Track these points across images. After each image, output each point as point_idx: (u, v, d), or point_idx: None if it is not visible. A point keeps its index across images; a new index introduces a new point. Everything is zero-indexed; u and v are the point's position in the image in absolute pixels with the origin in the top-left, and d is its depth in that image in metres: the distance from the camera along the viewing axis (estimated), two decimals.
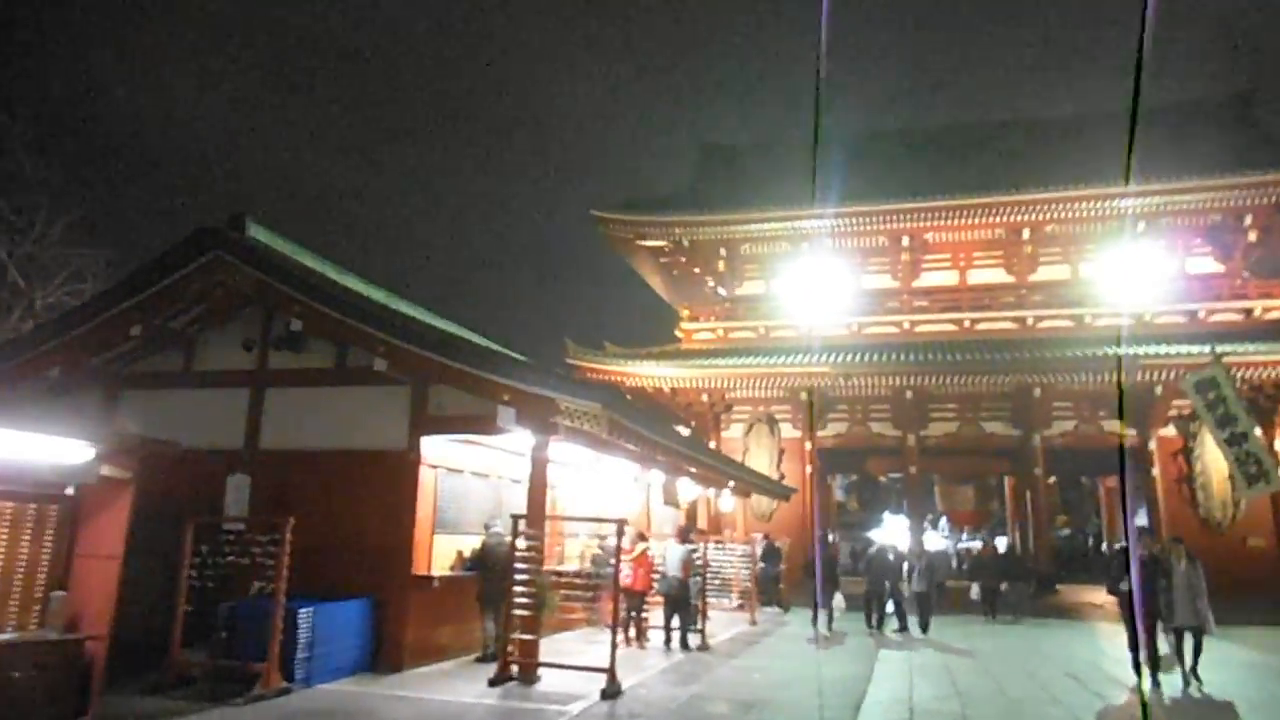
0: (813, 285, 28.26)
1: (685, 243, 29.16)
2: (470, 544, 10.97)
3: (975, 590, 19.59)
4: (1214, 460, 24.41)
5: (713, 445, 28.54)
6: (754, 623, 16.53)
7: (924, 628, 15.60)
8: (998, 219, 26.33)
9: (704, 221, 28.11)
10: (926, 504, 31.39)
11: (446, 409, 10.01)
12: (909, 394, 26.87)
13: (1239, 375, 20.94)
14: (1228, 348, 21.39)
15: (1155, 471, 25.54)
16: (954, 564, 26.58)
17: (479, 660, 10.32)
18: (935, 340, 26.69)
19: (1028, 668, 11.72)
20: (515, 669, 9.30)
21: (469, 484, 11.66)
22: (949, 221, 26.43)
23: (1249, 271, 26.27)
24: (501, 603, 9.47)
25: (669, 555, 12.46)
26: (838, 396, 27.76)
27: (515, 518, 9.36)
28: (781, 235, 28.30)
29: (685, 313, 29.86)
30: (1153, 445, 25.65)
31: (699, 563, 13.66)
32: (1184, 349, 22.21)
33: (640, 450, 11.44)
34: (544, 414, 9.12)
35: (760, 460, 27.53)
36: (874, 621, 15.56)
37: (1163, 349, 22.83)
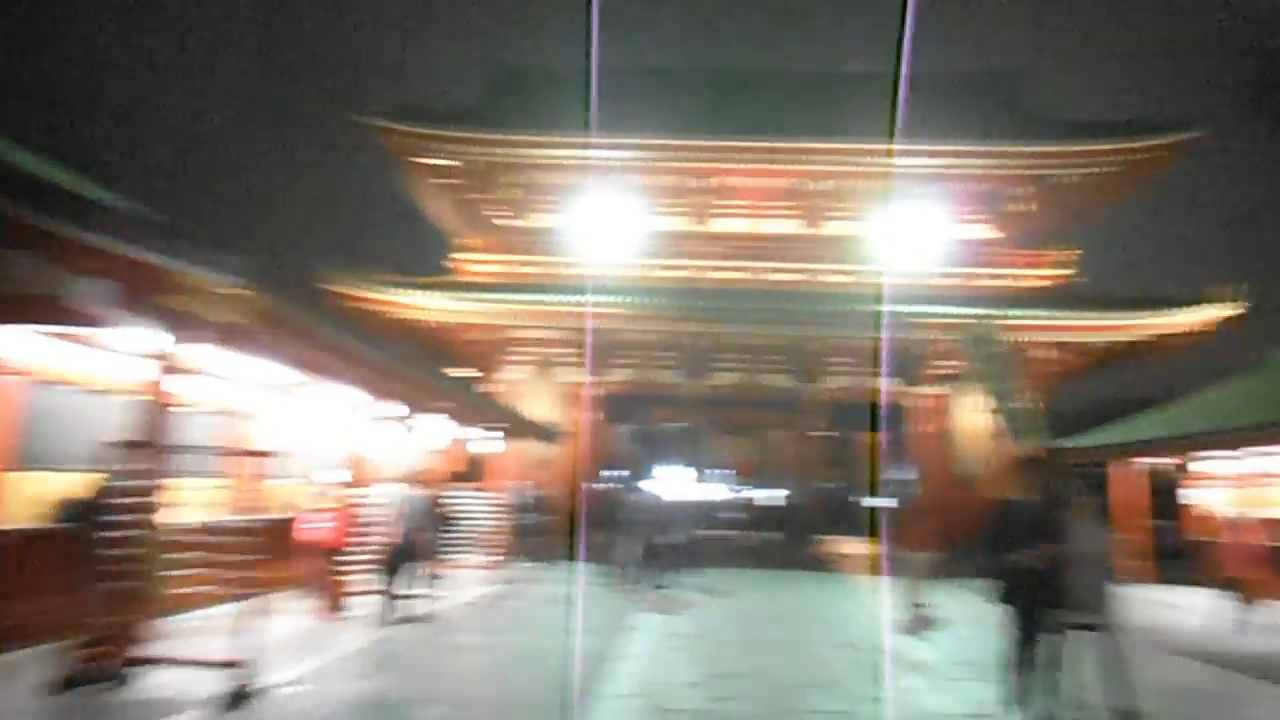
0: (604, 223, 26.06)
1: (469, 164, 26.03)
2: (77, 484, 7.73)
3: (746, 540, 18.41)
4: (972, 419, 24.85)
5: (491, 388, 26.00)
6: (508, 582, 14.22)
7: (685, 584, 13.89)
8: (788, 166, 25.20)
9: (492, 141, 25.12)
10: (708, 454, 30.47)
11: (16, 286, 6.71)
12: (697, 341, 25.46)
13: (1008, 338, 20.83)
14: (1000, 312, 21.40)
15: (918, 427, 25.61)
16: (728, 514, 25.63)
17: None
18: (726, 288, 25.33)
19: (798, 635, 10.12)
20: (117, 663, 6.36)
21: (79, 403, 8.42)
22: (739, 165, 25.09)
23: (1019, 240, 26.69)
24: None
25: (398, 504, 9.74)
26: (625, 341, 25.89)
27: (114, 445, 6.34)
28: (572, 165, 25.82)
29: (463, 242, 26.78)
30: (918, 402, 25.69)
31: (438, 513, 11.07)
32: (959, 310, 22.01)
33: (325, 360, 8.37)
34: (154, 293, 6.12)
35: (539, 404, 25.27)
36: (633, 578, 13.66)
37: (939, 309, 22.61)
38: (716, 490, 28.93)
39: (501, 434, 17.70)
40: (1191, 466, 15.78)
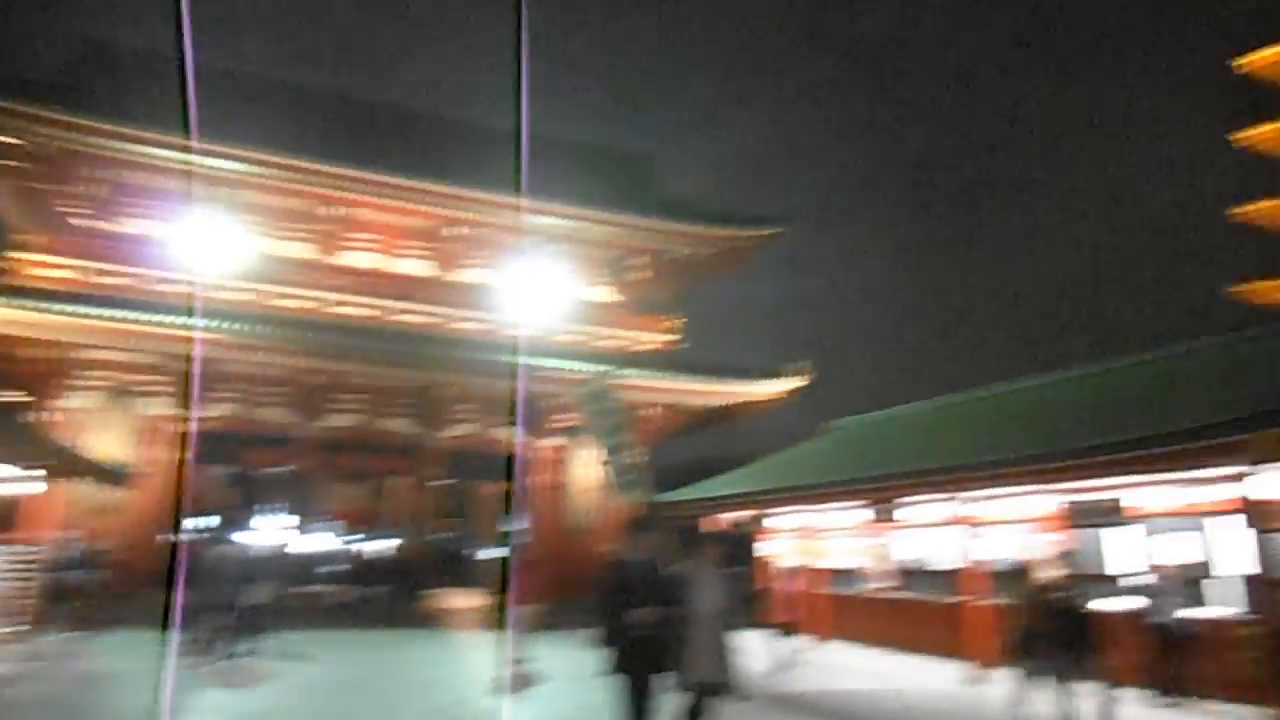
0: (210, 238, 23.12)
1: (38, 147, 21.69)
2: None
3: (347, 596, 17.02)
4: (585, 472, 25.89)
5: (45, 418, 21.59)
6: (30, 658, 11.38)
7: (267, 651, 12.24)
8: (420, 207, 24.60)
9: (70, 124, 21.21)
10: (316, 502, 28.06)
11: None
12: (314, 379, 23.50)
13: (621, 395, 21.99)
14: (616, 370, 22.60)
15: (535, 478, 26.04)
16: (330, 568, 23.69)
17: None
18: (347, 323, 23.81)
19: (385, 705, 9.27)
20: None
21: None
22: (368, 197, 23.94)
23: (634, 305, 28.65)
24: None
25: None
26: (228, 372, 23.05)
27: None
28: (175, 167, 22.67)
29: (26, 239, 22.19)
30: (538, 453, 26.16)
31: None
32: (580, 365, 22.86)
33: None
34: None
35: (109, 439, 21.50)
36: (205, 645, 11.70)
37: (563, 364, 23.31)
38: (320, 541, 26.61)
39: (45, 474, 14.50)
40: (765, 521, 17.71)
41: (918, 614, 14.42)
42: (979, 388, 17.98)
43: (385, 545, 29.81)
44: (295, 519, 24.02)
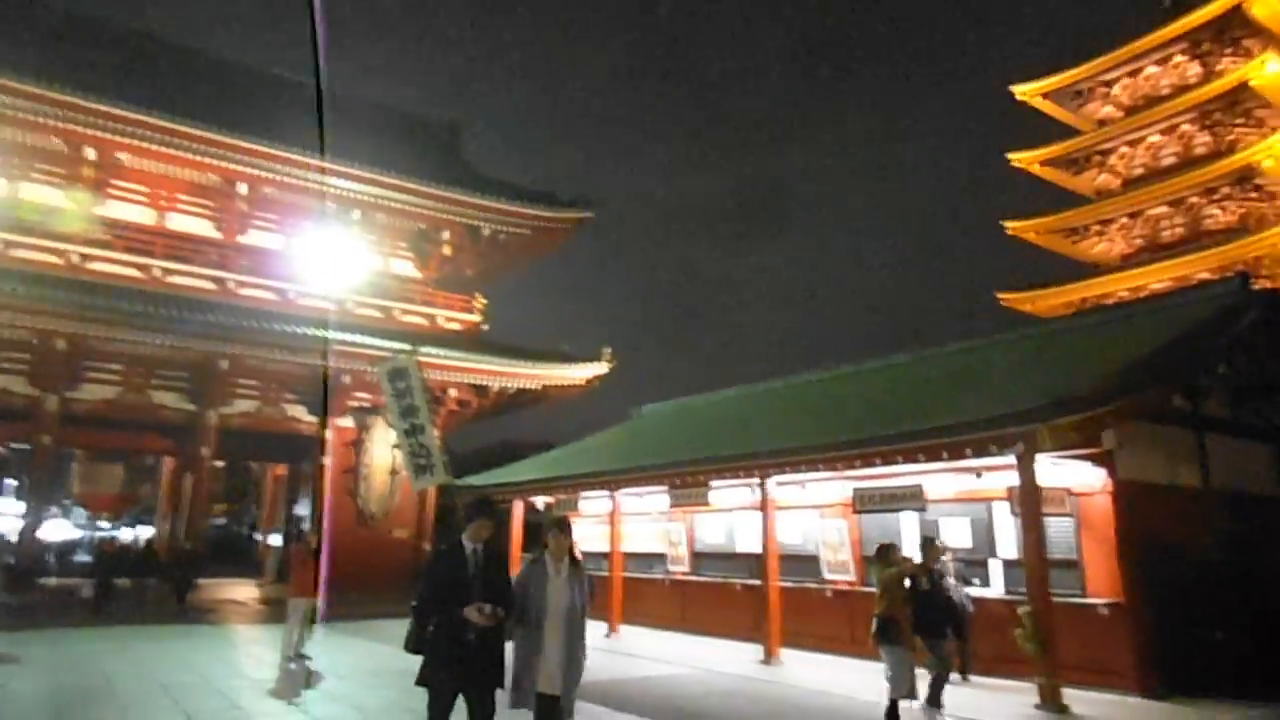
0: None
1: None
2: None
3: (101, 589, 15.01)
4: (380, 454, 24.49)
5: None
6: None
7: None
8: (212, 159, 22.06)
9: None
10: (59, 484, 24.73)
11: None
12: (62, 343, 20.57)
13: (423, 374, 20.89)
14: (420, 348, 21.39)
15: (327, 460, 24.30)
16: (77, 558, 20.97)
17: None
18: (111, 283, 21.02)
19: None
20: None
21: None
22: (150, 144, 21.17)
23: (440, 282, 27.43)
24: None
25: None
26: None
27: None
28: None
29: None
30: (329, 434, 24.41)
31: None
32: (380, 342, 21.48)
33: None
34: None
35: None
36: None
37: (362, 339, 21.86)
38: (60, 529, 23.47)
39: None
40: (571, 507, 17.38)
41: (715, 597, 14.63)
42: (779, 378, 18.58)
43: (145, 532, 26.92)
44: (29, 503, 20.97)
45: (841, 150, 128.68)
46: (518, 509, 18.44)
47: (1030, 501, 8.73)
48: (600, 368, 25.96)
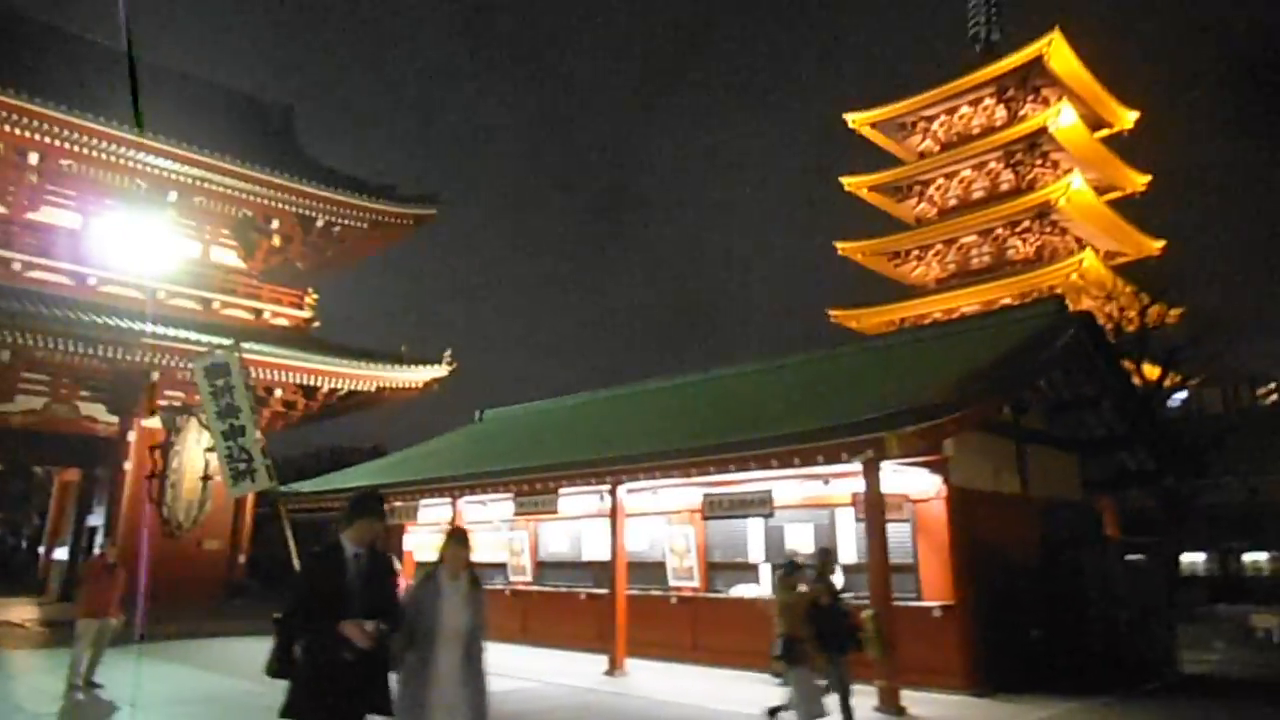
0: None
1: None
2: None
3: None
4: (192, 459, 22.38)
5: None
6: None
7: None
8: None
9: None
10: None
11: None
12: None
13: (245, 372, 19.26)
14: (243, 343, 19.69)
15: (128, 465, 21.95)
16: None
17: None
18: None
19: None
20: None
21: None
22: None
23: (267, 274, 25.50)
24: None
25: None
26: None
27: None
28: None
29: None
30: (132, 436, 22.09)
31: None
32: (197, 335, 19.61)
33: None
34: None
35: None
36: None
37: (175, 331, 19.86)
38: None
39: None
40: (410, 515, 16.44)
41: (559, 607, 14.22)
42: (622, 385, 18.46)
43: None
44: None
45: (686, 156, 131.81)
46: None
47: (875, 507, 8.94)
48: (440, 371, 24.94)
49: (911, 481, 10.01)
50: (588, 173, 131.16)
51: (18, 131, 19.78)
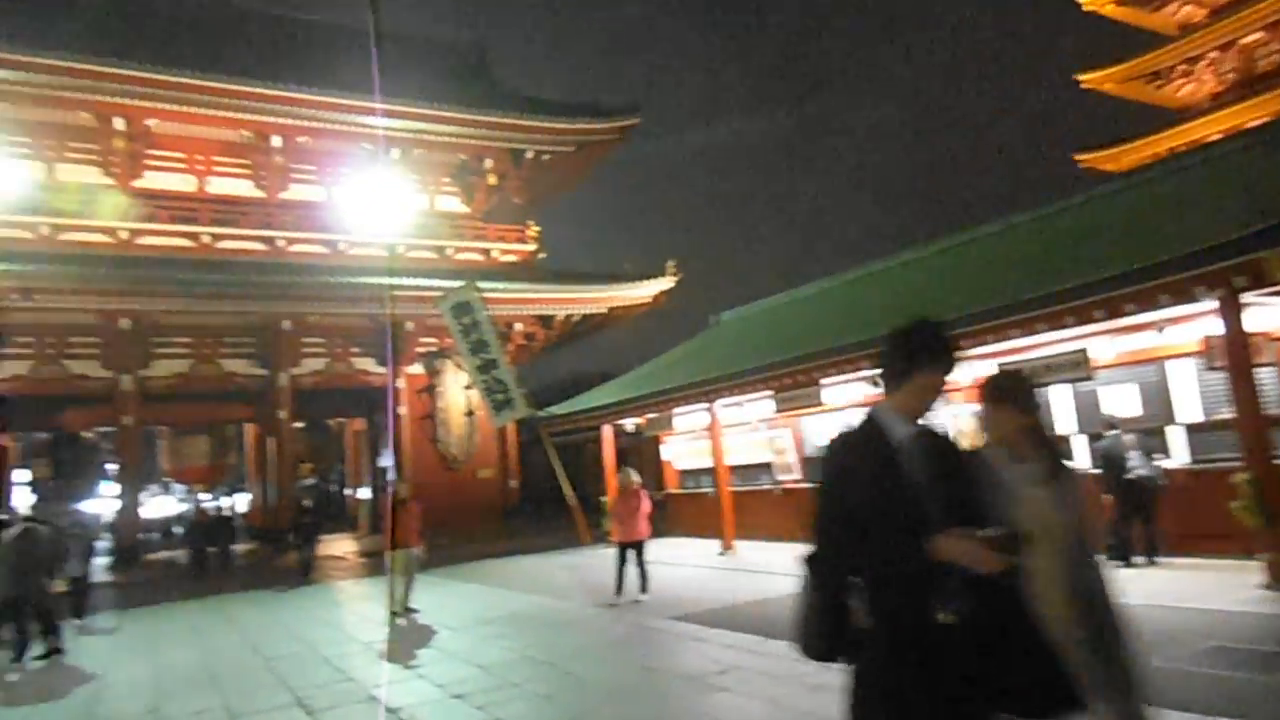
0: None
1: None
2: None
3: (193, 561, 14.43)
4: (454, 397, 23.65)
5: None
6: None
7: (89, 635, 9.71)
8: (243, 114, 20.99)
9: None
10: (148, 462, 24.50)
11: None
12: (126, 322, 19.93)
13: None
14: (480, 283, 20.21)
15: (402, 410, 23.55)
16: (175, 531, 20.65)
17: None
18: (163, 256, 20.24)
19: (234, 702, 7.10)
20: None
21: None
22: (179, 106, 20.13)
23: (489, 215, 26.06)
24: None
25: None
26: (19, 323, 19.17)
27: None
28: None
29: None
30: (401, 383, 23.62)
31: None
32: (438, 282, 20.29)
33: None
34: None
35: None
36: (15, 647, 9.01)
37: (418, 280, 20.72)
38: (158, 505, 23.39)
39: None
40: (664, 426, 16.19)
41: None
42: (866, 265, 16.90)
43: (238, 500, 26.73)
44: (123, 483, 20.63)
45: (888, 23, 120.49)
46: (607, 433, 17.36)
47: (1240, 350, 7.11)
48: (667, 282, 24.49)
49: (1268, 318, 7.94)
50: (784, 34, 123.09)
51: (259, 118, 21.18)
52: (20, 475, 23.41)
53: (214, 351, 21.81)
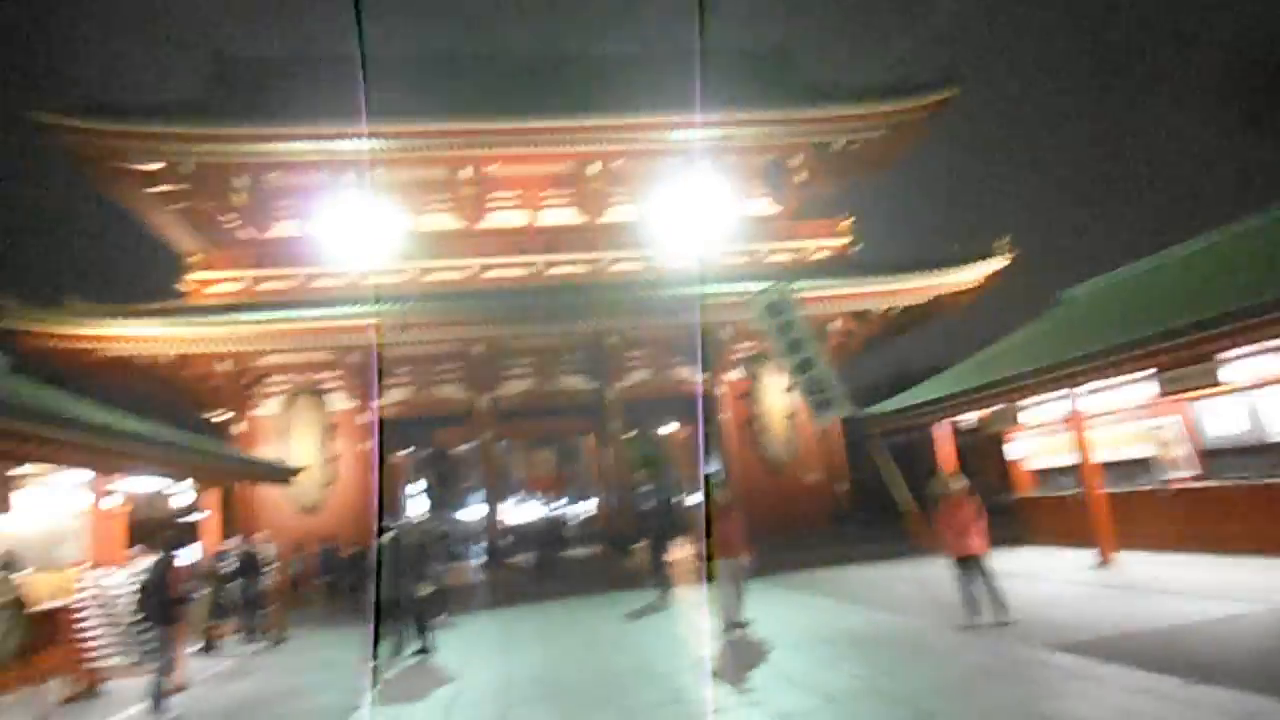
0: (362, 225, 22.07)
1: (191, 166, 21.18)
2: None
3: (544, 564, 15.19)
4: (775, 400, 23.09)
5: (242, 427, 21.33)
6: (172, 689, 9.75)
7: (440, 643, 10.26)
8: (565, 148, 22.42)
9: (208, 136, 20.44)
10: (504, 473, 26.95)
11: None
12: (479, 347, 22.06)
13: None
14: (794, 282, 19.47)
15: (724, 416, 23.46)
16: (527, 536, 22.25)
17: None
18: (505, 286, 22.13)
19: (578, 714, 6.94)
20: None
21: None
22: (513, 149, 22.03)
23: (799, 212, 25.23)
24: None
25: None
26: (397, 356, 22.10)
27: None
28: (316, 159, 21.71)
29: (194, 259, 21.82)
30: (722, 390, 23.57)
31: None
32: (751, 285, 19.79)
33: None
34: None
35: (305, 441, 21.00)
36: (382, 649, 9.90)
37: (731, 286, 20.51)
38: (520, 512, 25.59)
39: (226, 481, 13.47)
40: (1010, 420, 14.15)
41: (1238, 504, 10.60)
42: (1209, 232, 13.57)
43: (582, 508, 28.41)
44: (486, 493, 22.77)
45: None
46: (943, 430, 15.61)
47: None
48: (998, 262, 21.83)
49: None
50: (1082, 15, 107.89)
51: (583, 148, 22.49)
52: (412, 489, 27.09)
53: (552, 370, 23.38)
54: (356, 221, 22.11)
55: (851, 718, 5.56)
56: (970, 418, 15.07)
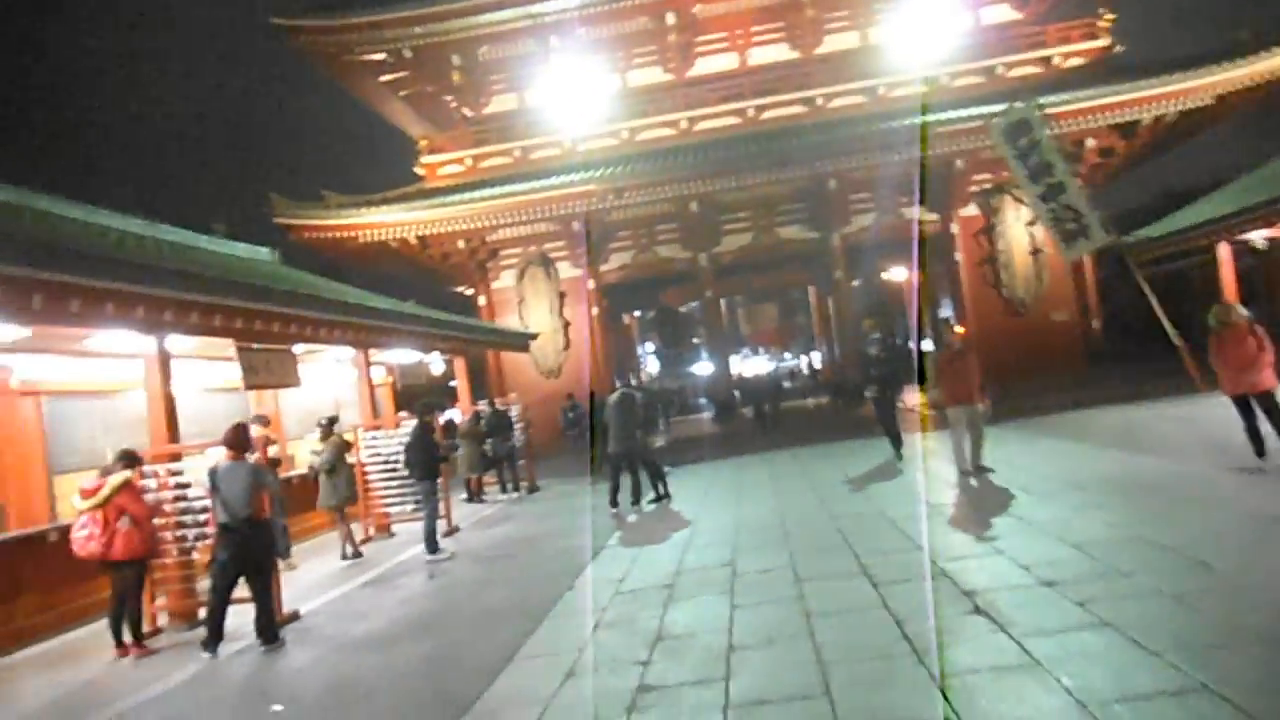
0: (571, 90, 22.35)
1: (407, 52, 22.18)
2: None
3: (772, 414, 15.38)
4: (1016, 235, 21.09)
5: (483, 300, 23.06)
6: (450, 529, 10.99)
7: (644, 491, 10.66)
8: None
9: (421, 17, 21.13)
10: (729, 329, 27.19)
11: None
12: (694, 205, 21.98)
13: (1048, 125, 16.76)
14: (1039, 98, 17.23)
15: (959, 255, 21.89)
16: (754, 388, 22.48)
17: None
18: (717, 137, 21.59)
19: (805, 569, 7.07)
20: None
21: None
22: None
23: (1045, 15, 22.05)
24: None
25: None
26: (617, 220, 22.59)
27: None
28: (523, 28, 21.80)
29: (424, 144, 23.20)
30: (955, 228, 21.91)
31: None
32: (989, 108, 17.79)
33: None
34: None
35: (539, 308, 22.32)
36: (620, 497, 10.57)
37: (965, 111, 18.59)
38: (747, 365, 25.88)
39: (474, 350, 14.74)
40: None
41: None
42: None
43: (811, 358, 28.17)
44: (714, 349, 23.21)
45: None
46: (1224, 252, 13.58)
47: None
48: None
49: None
50: None
51: None
52: (643, 348, 28.25)
53: (770, 221, 22.84)
54: (566, 87, 22.33)
55: (1107, 568, 5.17)
56: (1260, 236, 12.92)
